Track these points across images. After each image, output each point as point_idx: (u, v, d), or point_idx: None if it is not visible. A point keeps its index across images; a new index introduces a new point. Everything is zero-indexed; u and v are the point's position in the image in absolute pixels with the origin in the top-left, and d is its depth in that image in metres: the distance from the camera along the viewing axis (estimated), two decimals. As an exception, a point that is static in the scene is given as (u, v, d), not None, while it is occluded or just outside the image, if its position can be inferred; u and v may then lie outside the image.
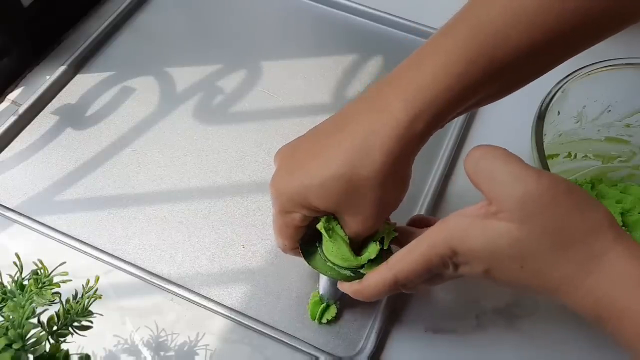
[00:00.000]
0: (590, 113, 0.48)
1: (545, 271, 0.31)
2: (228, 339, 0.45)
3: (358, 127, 0.34)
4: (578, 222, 0.31)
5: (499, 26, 0.32)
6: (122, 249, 0.49)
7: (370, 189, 0.34)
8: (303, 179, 0.35)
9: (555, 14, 0.31)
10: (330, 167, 0.34)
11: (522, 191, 0.31)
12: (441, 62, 0.33)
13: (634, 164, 0.51)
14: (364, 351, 0.44)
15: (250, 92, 0.59)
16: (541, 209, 0.31)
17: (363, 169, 0.34)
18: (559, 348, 0.45)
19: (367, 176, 0.34)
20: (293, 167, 0.37)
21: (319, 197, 0.35)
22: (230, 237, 0.50)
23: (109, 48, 0.62)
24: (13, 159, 0.54)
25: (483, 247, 0.32)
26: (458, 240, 0.33)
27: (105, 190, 0.52)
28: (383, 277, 0.36)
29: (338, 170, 0.34)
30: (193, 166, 0.54)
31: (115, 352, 0.44)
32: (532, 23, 0.31)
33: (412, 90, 0.33)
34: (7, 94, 0.59)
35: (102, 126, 0.56)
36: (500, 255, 0.32)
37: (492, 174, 0.32)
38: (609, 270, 0.30)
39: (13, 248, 0.48)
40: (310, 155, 0.36)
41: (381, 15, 0.64)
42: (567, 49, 0.35)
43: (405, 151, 0.34)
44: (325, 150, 0.35)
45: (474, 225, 0.32)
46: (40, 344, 0.33)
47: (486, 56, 0.32)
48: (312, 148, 0.36)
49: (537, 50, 0.32)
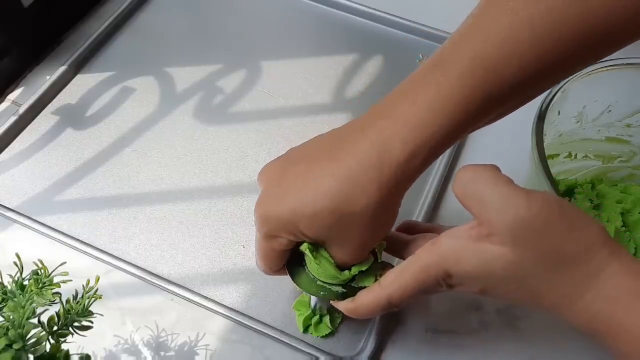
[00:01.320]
0: (590, 113, 0.48)
1: (541, 291, 0.31)
2: (228, 339, 0.45)
3: (354, 160, 0.33)
4: (572, 241, 0.30)
5: (495, 61, 0.31)
6: (122, 249, 0.49)
7: (362, 223, 0.34)
8: (294, 205, 0.34)
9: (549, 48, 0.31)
10: (323, 198, 0.33)
11: (513, 215, 0.30)
12: (438, 98, 0.32)
13: (634, 164, 0.51)
14: (364, 351, 0.44)
15: (250, 92, 0.59)
16: (534, 232, 0.30)
17: (357, 203, 0.33)
18: (559, 348, 0.45)
19: (360, 211, 0.33)
20: (283, 192, 0.35)
21: (309, 227, 0.35)
22: (230, 237, 0.50)
23: (109, 48, 0.62)
24: (13, 159, 0.54)
25: (477, 270, 0.32)
26: (452, 263, 0.32)
27: (106, 190, 0.52)
28: (376, 297, 0.36)
29: (332, 203, 0.33)
30: (193, 166, 0.54)
31: (116, 352, 0.44)
32: (526, 60, 0.31)
33: (409, 128, 0.32)
34: (7, 94, 0.59)
35: (102, 126, 0.56)
36: (495, 277, 0.32)
37: (482, 198, 0.31)
38: (605, 287, 0.30)
39: (13, 248, 0.48)
40: (301, 180, 0.35)
41: (381, 15, 0.64)
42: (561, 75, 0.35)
43: (401, 188, 0.34)
44: (319, 178, 0.34)
45: (467, 248, 0.32)
46: (41, 344, 0.33)
47: (483, 92, 0.32)
48: (303, 173, 0.35)
49: (532, 82, 0.32)
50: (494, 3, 0.32)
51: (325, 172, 0.34)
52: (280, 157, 0.38)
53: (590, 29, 0.31)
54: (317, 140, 0.37)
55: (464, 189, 0.33)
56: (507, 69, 0.31)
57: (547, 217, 0.30)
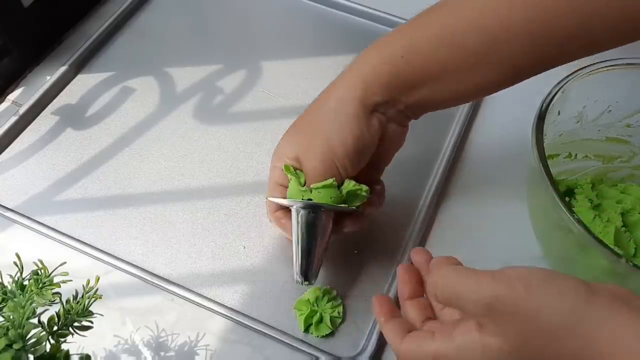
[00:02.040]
0: (590, 113, 0.48)
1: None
2: (228, 339, 0.45)
3: (330, 104, 0.42)
4: (555, 321, 0.30)
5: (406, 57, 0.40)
6: (122, 249, 0.49)
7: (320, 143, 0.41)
8: (283, 140, 0.44)
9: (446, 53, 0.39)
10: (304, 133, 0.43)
11: (485, 303, 0.31)
12: (375, 69, 0.41)
13: (634, 164, 0.51)
14: (365, 351, 0.44)
15: (250, 92, 0.59)
16: (511, 321, 0.30)
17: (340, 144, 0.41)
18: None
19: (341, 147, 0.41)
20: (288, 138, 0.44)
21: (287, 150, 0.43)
22: (230, 237, 0.50)
23: (110, 48, 0.62)
24: (13, 159, 0.54)
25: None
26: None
27: (106, 190, 0.52)
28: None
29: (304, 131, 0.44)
30: (193, 166, 0.54)
31: (116, 352, 0.44)
32: (426, 57, 0.40)
33: (364, 75, 0.41)
34: (7, 94, 0.59)
35: (102, 126, 0.56)
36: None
37: (458, 297, 0.32)
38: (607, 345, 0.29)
39: (13, 248, 0.48)
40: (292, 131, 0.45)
41: (381, 15, 0.64)
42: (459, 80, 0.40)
43: (364, 113, 0.41)
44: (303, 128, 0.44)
45: (476, 346, 0.32)
46: (41, 344, 0.33)
47: (399, 78, 0.40)
48: (299, 131, 0.44)
49: (435, 78, 0.40)
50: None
51: (306, 120, 0.44)
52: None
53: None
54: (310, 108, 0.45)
55: (442, 295, 0.33)
56: (411, 64, 0.40)
57: (515, 293, 0.30)
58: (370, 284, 0.47)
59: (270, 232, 0.50)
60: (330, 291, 0.46)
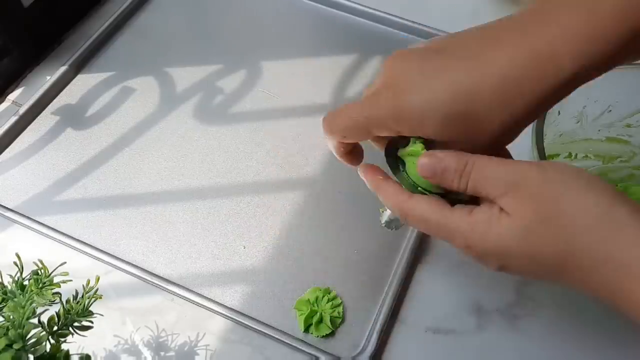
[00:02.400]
0: (590, 113, 0.48)
1: (554, 265, 0.30)
2: (228, 339, 0.45)
3: (508, 64, 0.30)
4: (577, 207, 0.29)
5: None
6: (122, 249, 0.49)
7: (491, 138, 0.32)
8: (426, 101, 0.31)
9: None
10: (462, 101, 0.31)
11: (515, 180, 0.30)
12: (607, 10, 0.29)
13: (634, 164, 0.51)
14: (365, 351, 0.44)
15: (250, 92, 0.59)
16: (534, 196, 0.29)
17: (497, 118, 0.31)
18: (559, 348, 0.45)
19: (497, 127, 0.31)
20: (416, 84, 0.32)
21: (435, 128, 0.32)
22: (230, 237, 0.50)
23: (110, 48, 0.62)
24: (14, 159, 0.54)
25: (496, 246, 0.31)
26: (473, 244, 0.32)
27: (106, 191, 0.52)
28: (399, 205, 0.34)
29: (468, 107, 0.31)
30: (193, 166, 0.54)
31: (116, 352, 0.44)
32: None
33: (579, 42, 0.29)
34: (7, 94, 0.59)
35: (102, 126, 0.56)
36: (509, 253, 0.31)
37: (485, 176, 0.31)
38: (619, 261, 0.28)
39: (13, 248, 0.48)
40: (437, 75, 0.31)
41: (381, 15, 0.64)
42: None
43: (550, 104, 0.31)
44: (459, 77, 0.31)
45: (491, 229, 0.31)
46: (41, 344, 0.33)
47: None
48: (440, 69, 0.31)
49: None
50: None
51: (470, 73, 0.31)
52: (414, 49, 0.34)
53: None
54: (460, 36, 0.33)
55: (471, 187, 0.31)
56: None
57: (550, 181, 0.29)
58: (370, 284, 0.47)
59: (270, 232, 0.50)
60: (330, 291, 0.46)
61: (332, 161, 0.54)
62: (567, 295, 0.46)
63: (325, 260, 0.48)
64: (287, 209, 0.51)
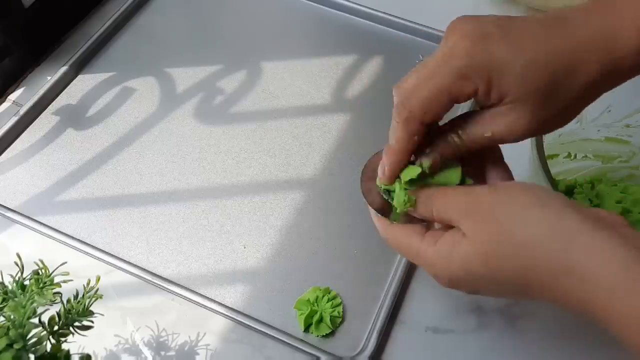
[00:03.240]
0: (590, 113, 0.48)
1: (516, 284, 0.31)
2: (228, 338, 0.45)
3: (581, 34, 0.31)
4: (527, 226, 0.30)
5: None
6: (122, 249, 0.49)
7: (563, 101, 0.32)
8: (509, 53, 0.31)
9: None
10: (545, 55, 0.31)
11: (465, 203, 0.32)
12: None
13: (634, 164, 0.51)
14: (364, 351, 0.44)
15: (251, 92, 0.59)
16: (483, 219, 0.31)
17: (578, 75, 0.31)
18: (559, 348, 0.45)
19: (578, 85, 0.32)
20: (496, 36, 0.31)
21: (516, 80, 0.31)
22: (230, 237, 0.50)
23: (110, 49, 0.62)
24: (14, 160, 0.54)
25: (464, 272, 0.32)
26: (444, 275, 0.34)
27: (106, 191, 0.52)
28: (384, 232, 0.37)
29: (547, 68, 0.31)
30: (193, 166, 0.54)
31: (116, 351, 0.44)
32: None
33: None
34: (8, 94, 0.59)
35: (102, 126, 0.56)
36: (475, 278, 0.32)
37: (445, 202, 0.33)
38: (579, 273, 0.29)
39: (14, 248, 0.48)
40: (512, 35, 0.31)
41: (381, 16, 0.64)
42: None
43: (615, 80, 0.33)
44: (544, 37, 0.31)
45: (453, 256, 0.33)
46: (42, 344, 0.33)
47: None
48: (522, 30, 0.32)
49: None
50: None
51: (551, 32, 0.31)
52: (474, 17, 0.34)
53: None
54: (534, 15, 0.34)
55: (436, 216, 0.34)
56: None
57: (497, 203, 0.31)
58: (370, 284, 0.47)
59: (270, 232, 0.50)
60: (330, 291, 0.46)
61: (332, 161, 0.54)
62: (567, 295, 0.46)
63: (325, 260, 0.48)
64: (287, 209, 0.51)
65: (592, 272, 0.28)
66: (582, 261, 0.28)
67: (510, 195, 0.31)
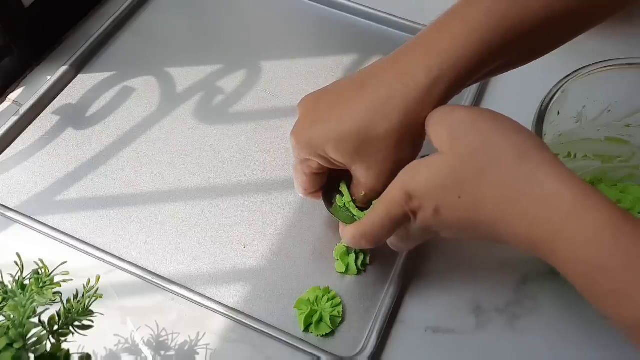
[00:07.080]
0: (590, 113, 0.48)
1: (479, 198, 0.32)
2: (228, 338, 0.45)
3: (380, 87, 0.36)
4: (503, 144, 0.32)
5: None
6: (122, 249, 0.49)
7: (385, 147, 0.36)
8: (322, 131, 0.38)
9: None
10: (348, 123, 0.36)
11: (450, 120, 0.33)
12: (462, 28, 0.34)
13: (634, 164, 0.51)
14: (364, 351, 0.44)
15: (251, 92, 0.59)
16: (465, 132, 0.33)
17: (380, 127, 0.36)
18: (559, 348, 0.45)
19: (383, 135, 0.36)
20: (314, 119, 0.39)
21: (336, 150, 0.37)
22: (231, 236, 0.50)
23: (110, 48, 0.62)
24: (14, 159, 0.54)
25: (428, 182, 0.34)
26: (409, 181, 0.34)
27: (106, 190, 0.52)
28: (354, 230, 0.39)
29: (355, 126, 0.36)
30: (193, 166, 0.54)
31: (116, 351, 0.44)
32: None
33: (434, 54, 0.35)
34: (8, 94, 0.59)
35: (102, 126, 0.56)
36: (443, 187, 0.33)
37: (435, 122, 0.35)
38: (539, 192, 0.30)
39: (14, 248, 0.48)
40: (331, 108, 0.38)
41: (381, 16, 0.64)
42: (586, 20, 0.36)
43: (423, 113, 0.35)
44: (346, 106, 0.37)
45: (421, 164, 0.34)
46: (41, 344, 0.33)
47: (507, 23, 0.34)
48: (333, 101, 0.38)
49: (556, 20, 0.34)
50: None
51: (351, 99, 0.37)
52: (319, 89, 0.41)
53: None
54: (350, 75, 0.40)
55: (429, 128, 0.35)
56: (532, 1, 0.33)
57: (476, 119, 0.33)
58: (370, 284, 0.47)
59: (270, 232, 0.50)
60: (330, 291, 0.46)
61: (332, 161, 0.54)
62: (567, 294, 0.46)
63: (325, 259, 0.48)
64: (287, 208, 0.51)
65: (550, 198, 0.30)
66: (544, 185, 0.31)
67: (493, 119, 0.34)
